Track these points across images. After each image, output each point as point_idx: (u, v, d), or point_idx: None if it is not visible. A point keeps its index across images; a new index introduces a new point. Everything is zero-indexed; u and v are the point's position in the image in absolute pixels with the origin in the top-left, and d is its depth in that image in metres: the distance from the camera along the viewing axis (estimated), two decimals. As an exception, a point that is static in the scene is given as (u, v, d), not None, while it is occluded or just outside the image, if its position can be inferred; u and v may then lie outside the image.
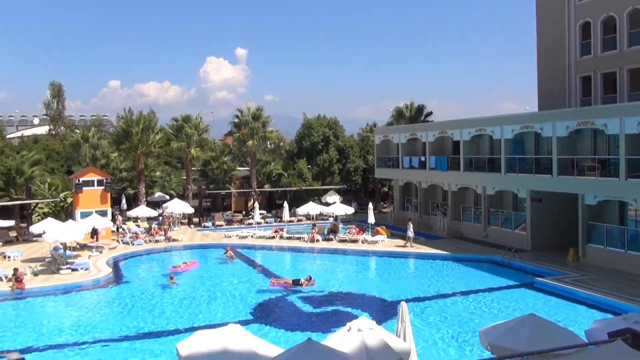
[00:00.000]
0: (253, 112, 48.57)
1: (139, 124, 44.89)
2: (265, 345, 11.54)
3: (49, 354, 17.48)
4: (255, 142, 47.54)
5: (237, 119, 49.11)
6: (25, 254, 32.27)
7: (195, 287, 26.00)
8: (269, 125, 49.44)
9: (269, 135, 49.49)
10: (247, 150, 49.61)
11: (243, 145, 49.55)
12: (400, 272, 28.66)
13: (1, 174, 39.22)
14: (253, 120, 47.94)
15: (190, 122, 47.25)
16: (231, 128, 50.81)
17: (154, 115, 51.04)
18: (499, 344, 11.39)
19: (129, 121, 45.98)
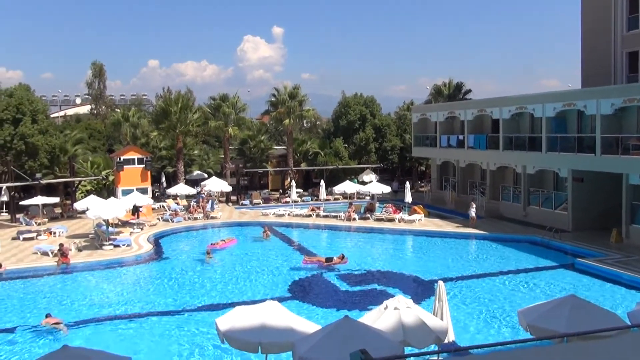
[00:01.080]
0: (290, 91, 48.55)
1: (178, 103, 45.41)
2: (303, 321, 11.69)
3: (92, 327, 18.05)
4: (291, 120, 47.59)
5: (273, 98, 49.18)
6: (70, 230, 33.23)
7: (234, 264, 26.40)
8: (306, 103, 49.37)
9: (305, 113, 49.45)
10: (284, 128, 49.73)
11: (280, 124, 49.70)
12: (438, 252, 28.49)
13: (46, 152, 40.28)
14: (290, 99, 47.95)
15: (228, 101, 47.57)
16: (268, 107, 50.94)
17: (191, 95, 51.38)
18: (539, 324, 11.27)
19: (168, 100, 46.55)
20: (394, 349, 9.67)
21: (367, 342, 9.01)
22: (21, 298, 21.17)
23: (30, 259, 26.43)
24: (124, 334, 17.44)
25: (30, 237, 30.90)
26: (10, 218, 37.25)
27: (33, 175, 38.49)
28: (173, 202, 41.91)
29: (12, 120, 38.51)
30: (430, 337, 11.18)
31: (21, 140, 38.40)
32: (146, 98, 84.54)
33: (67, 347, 9.07)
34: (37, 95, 43.42)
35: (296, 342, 10.34)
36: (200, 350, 15.80)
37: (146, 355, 15.35)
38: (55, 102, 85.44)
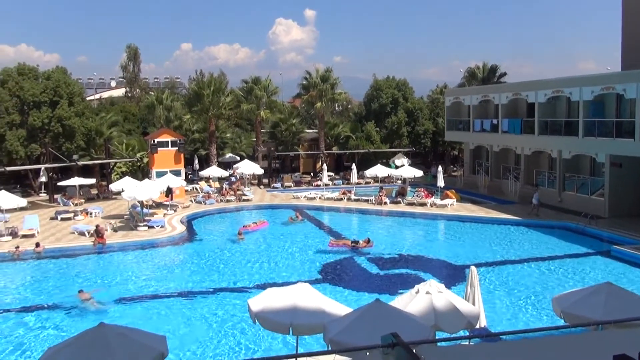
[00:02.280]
0: (322, 74, 48.34)
1: (210, 86, 45.69)
2: (334, 304, 11.73)
3: (127, 306, 18.47)
4: (323, 104, 47.46)
5: (305, 81, 49.05)
6: (106, 211, 33.91)
7: (265, 246, 26.63)
8: (338, 87, 49.11)
9: (337, 97, 49.22)
10: (316, 112, 49.65)
11: (311, 107, 49.61)
12: (470, 237, 28.24)
13: (82, 134, 41.06)
14: (321, 82, 47.76)
15: (260, 84, 47.65)
16: (300, 90, 50.84)
17: (224, 78, 51.60)
18: (573, 312, 11.10)
19: (201, 83, 46.85)
20: (425, 333, 9.64)
21: (398, 326, 9.00)
22: (59, 276, 21.73)
23: (68, 239, 27.09)
24: (157, 313, 17.80)
25: (67, 218, 31.66)
26: (49, 198, 38.19)
27: (70, 156, 39.33)
28: (205, 184, 42.38)
29: (49, 102, 39.33)
30: (461, 322, 11.12)
31: (58, 123, 39.22)
32: (179, 81, 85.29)
33: (104, 324, 9.29)
34: (73, 78, 44.09)
35: (327, 324, 10.39)
36: (232, 330, 16.04)
37: (179, 335, 15.64)
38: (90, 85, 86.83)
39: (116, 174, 43.39)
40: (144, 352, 8.81)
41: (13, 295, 19.72)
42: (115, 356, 8.48)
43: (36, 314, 17.75)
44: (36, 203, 36.79)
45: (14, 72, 40.10)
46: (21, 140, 38.75)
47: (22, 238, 26.84)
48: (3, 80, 39.69)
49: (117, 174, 43.16)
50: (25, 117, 39.17)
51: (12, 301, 19.03)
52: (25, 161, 39.88)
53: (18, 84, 39.03)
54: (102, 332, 8.97)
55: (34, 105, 39.05)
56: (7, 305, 18.57)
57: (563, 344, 5.30)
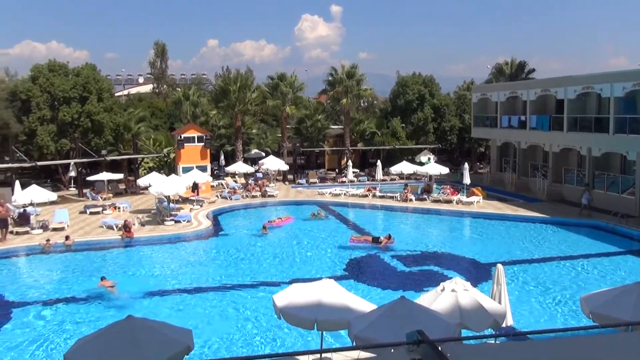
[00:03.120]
0: (347, 70, 48.24)
1: (236, 82, 45.95)
2: (359, 300, 11.74)
3: (153, 299, 18.70)
4: (349, 100, 47.37)
5: (331, 77, 49.00)
6: (133, 205, 34.37)
7: (290, 241, 26.71)
8: (363, 83, 48.97)
9: (363, 93, 49.09)
10: (341, 108, 49.58)
11: (337, 103, 49.55)
12: (496, 235, 27.96)
13: (111, 129, 41.65)
14: (347, 78, 47.66)
15: (286, 80, 47.75)
16: (325, 86, 50.79)
17: (250, 74, 51.80)
18: (602, 312, 10.93)
19: (227, 80, 47.12)
20: (450, 331, 9.59)
21: (423, 323, 8.97)
22: (87, 269, 22.07)
23: (96, 232, 27.53)
24: (183, 306, 17.99)
25: (96, 212, 32.17)
26: (78, 193, 38.84)
27: (99, 151, 39.93)
28: (231, 180, 42.66)
29: (79, 98, 39.95)
30: (487, 321, 11.03)
31: (88, 118, 39.84)
32: (206, 77, 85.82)
33: (132, 317, 9.43)
34: (102, 75, 44.71)
35: (352, 320, 10.40)
36: (257, 325, 16.14)
37: (204, 329, 15.79)
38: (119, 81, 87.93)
39: (143, 169, 43.92)
40: (170, 345, 8.93)
41: (43, 287, 20.11)
42: (142, 349, 8.60)
43: (65, 305, 18.09)
44: (66, 197, 37.45)
45: (44, 68, 40.84)
46: (51, 135, 39.47)
47: (52, 231, 27.38)
48: (34, 76, 40.45)
49: (144, 169, 43.67)
50: (56, 112, 39.85)
51: (42, 292, 19.41)
52: (55, 156, 40.61)
53: (49, 80, 39.75)
54: (130, 324, 9.12)
55: (64, 101, 39.72)
56: (37, 296, 18.95)
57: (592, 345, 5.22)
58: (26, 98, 39.51)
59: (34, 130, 39.11)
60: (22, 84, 40.79)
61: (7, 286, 19.98)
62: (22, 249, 24.86)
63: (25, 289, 19.94)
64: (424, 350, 4.90)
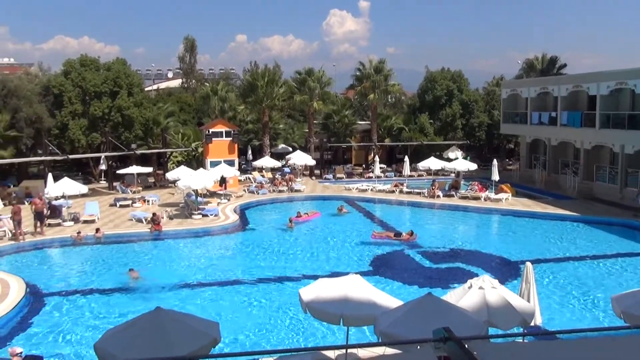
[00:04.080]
0: (375, 65, 48.04)
1: (264, 77, 46.12)
2: (385, 296, 11.69)
3: (180, 292, 18.92)
4: (376, 95, 47.17)
5: (358, 72, 48.86)
6: (162, 199, 34.78)
7: (316, 236, 26.77)
8: (391, 78, 48.71)
9: (390, 88, 48.85)
10: (369, 103, 49.42)
11: (364, 98, 49.41)
12: (525, 232, 27.59)
13: (140, 124, 42.20)
14: (375, 74, 47.47)
15: (313, 75, 47.75)
16: (353, 81, 50.68)
17: (278, 69, 51.96)
18: (635, 312, 10.71)
19: (255, 75, 47.34)
20: (477, 329, 9.50)
21: (450, 320, 8.90)
22: (116, 261, 22.42)
23: (126, 225, 27.95)
24: (210, 299, 18.17)
25: (126, 205, 32.65)
26: (108, 186, 39.47)
27: (129, 145, 40.50)
28: (258, 174, 42.86)
29: (110, 93, 40.58)
30: (515, 319, 10.90)
31: (118, 112, 40.46)
32: (234, 72, 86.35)
33: (160, 308, 9.55)
34: (132, 70, 45.31)
35: (378, 316, 10.37)
36: (283, 319, 16.21)
37: (230, 322, 15.90)
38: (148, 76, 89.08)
39: (172, 163, 44.42)
40: (198, 337, 9.03)
41: (74, 278, 20.50)
42: (171, 340, 8.72)
43: (94, 296, 18.41)
44: (96, 190, 38.08)
45: (76, 63, 41.55)
46: (83, 129, 40.18)
47: (83, 223, 27.89)
48: (67, 71, 41.20)
49: (173, 163, 44.17)
50: (87, 106, 40.55)
51: (73, 283, 19.79)
52: (86, 149, 41.32)
53: (80, 75, 40.45)
54: (159, 316, 9.24)
55: (95, 96, 40.38)
56: (68, 287, 19.33)
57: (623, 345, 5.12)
58: (59, 92, 40.28)
59: (66, 124, 39.88)
60: (55, 79, 41.60)
61: (40, 277, 20.40)
62: (54, 241, 25.37)
63: (57, 280, 20.37)
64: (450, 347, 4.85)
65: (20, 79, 41.48)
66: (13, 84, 39.40)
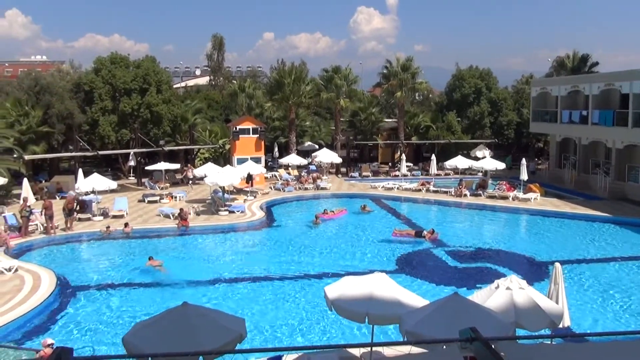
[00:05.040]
0: (402, 63, 47.79)
1: (291, 75, 46.23)
2: (411, 295, 11.62)
3: (208, 287, 19.07)
4: (403, 93, 46.94)
5: (386, 70, 48.67)
6: (189, 195, 35.13)
7: (341, 234, 26.75)
8: (419, 76, 48.45)
9: (418, 86, 48.57)
10: (396, 101, 49.19)
11: (391, 96, 49.19)
12: (554, 233, 27.17)
13: (169, 120, 42.67)
14: (402, 71, 47.23)
15: (340, 73, 47.71)
16: (380, 79, 50.50)
17: (304, 67, 52.04)
18: None
19: (282, 72, 47.48)
20: (504, 330, 9.39)
21: (476, 321, 8.81)
22: (144, 256, 22.65)
23: (154, 221, 28.30)
24: (235, 295, 18.29)
25: (154, 200, 33.06)
26: (137, 182, 39.99)
27: (157, 142, 40.97)
28: (285, 171, 43.00)
29: (139, 90, 41.11)
30: (544, 321, 10.73)
31: (147, 109, 40.96)
32: (261, 70, 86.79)
33: (187, 304, 9.64)
34: (161, 67, 45.81)
35: (403, 315, 10.31)
36: (308, 316, 16.24)
37: (255, 318, 15.98)
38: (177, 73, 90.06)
39: (199, 159, 44.81)
40: (224, 332, 9.09)
41: (103, 272, 20.80)
42: (197, 335, 8.80)
43: (122, 290, 18.70)
44: (125, 186, 38.63)
45: (107, 61, 42.19)
46: (112, 125, 40.79)
47: (112, 218, 28.31)
48: (97, 68, 41.87)
49: (200, 160, 44.56)
50: (117, 103, 41.14)
51: (102, 277, 20.07)
52: (115, 146, 41.95)
53: (111, 72, 41.06)
54: (186, 311, 9.33)
55: (124, 92, 40.95)
56: (97, 281, 19.65)
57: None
58: (89, 89, 40.97)
59: (96, 121, 40.53)
60: (86, 76, 42.33)
61: (71, 270, 20.77)
62: (84, 235, 25.81)
63: (87, 273, 20.72)
64: (477, 348, 4.81)
65: (52, 76, 42.31)
66: (46, 81, 40.24)
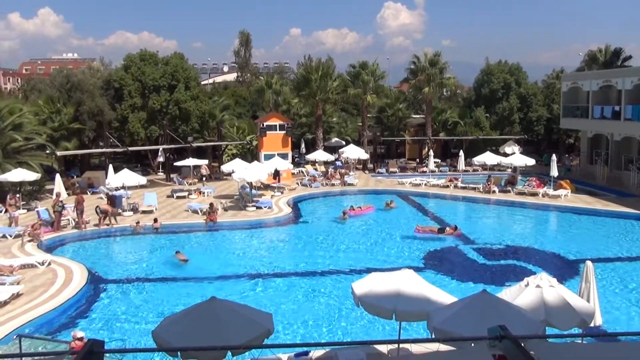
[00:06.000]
0: (430, 58, 47.40)
1: (318, 71, 46.22)
2: (438, 292, 11.55)
3: (235, 282, 19.22)
4: (431, 89, 46.57)
5: (413, 65, 48.33)
6: (217, 191, 35.42)
7: (368, 230, 26.70)
8: (446, 71, 47.98)
9: (445, 82, 48.11)
10: (423, 97, 48.84)
11: (419, 92, 48.85)
12: (585, 230, 26.71)
13: (197, 117, 43.06)
14: (430, 67, 46.85)
15: (367, 68, 47.54)
16: (407, 74, 50.16)
17: (331, 62, 51.96)
18: None
19: (309, 68, 47.51)
20: (534, 328, 9.27)
21: (505, 319, 8.71)
22: (173, 251, 22.90)
23: (182, 216, 28.61)
24: (262, 290, 18.40)
25: (182, 196, 33.42)
26: (166, 177, 40.48)
27: (185, 138, 41.40)
28: (311, 167, 43.07)
29: (168, 86, 41.58)
30: (574, 319, 10.56)
31: (176, 106, 41.40)
32: (288, 66, 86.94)
33: (215, 298, 9.73)
34: (189, 64, 46.23)
35: (431, 312, 10.25)
36: (334, 311, 16.25)
37: (283, 313, 16.06)
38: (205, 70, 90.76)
39: (227, 155, 45.16)
40: (252, 327, 9.16)
41: (133, 266, 21.13)
42: (225, 330, 8.88)
43: (152, 284, 18.97)
44: (154, 181, 39.12)
45: (136, 58, 42.74)
46: (142, 122, 41.33)
47: (141, 214, 28.71)
48: (127, 65, 42.44)
49: (228, 156, 44.90)
50: (146, 100, 41.66)
51: (132, 271, 20.40)
52: (145, 142, 42.50)
53: (140, 69, 41.59)
54: (214, 305, 9.42)
55: (153, 89, 41.44)
56: (127, 274, 19.95)
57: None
58: (119, 86, 41.57)
59: (126, 117, 41.12)
60: (116, 73, 42.94)
61: (101, 264, 21.15)
62: (115, 230, 26.22)
63: (117, 267, 21.07)
64: (506, 346, 4.77)
65: (83, 73, 43.05)
66: (77, 79, 40.95)
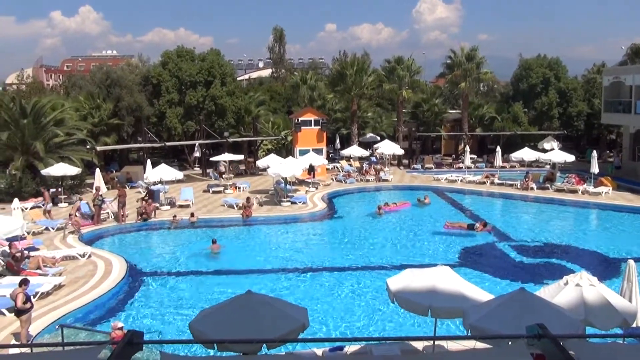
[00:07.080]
0: (467, 53, 46.79)
1: (353, 66, 46.13)
2: (474, 289, 11.43)
3: (270, 276, 19.36)
4: (468, 84, 45.99)
5: (449, 60, 47.80)
6: (252, 186, 35.69)
7: (403, 226, 26.57)
8: (483, 66, 47.30)
9: (482, 76, 47.45)
10: (459, 92, 48.29)
11: (455, 87, 48.32)
12: (627, 228, 26.02)
13: (232, 112, 43.44)
14: (466, 61, 46.25)
15: (402, 63, 47.22)
16: (443, 69, 49.68)
17: (367, 58, 51.76)
18: None
19: (344, 64, 47.42)
20: (574, 327, 9.09)
21: (544, 317, 8.58)
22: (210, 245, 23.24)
23: (218, 211, 28.94)
24: (297, 285, 18.50)
25: (218, 191, 33.80)
26: (202, 172, 40.98)
27: (221, 133, 41.82)
28: (346, 163, 43.03)
29: (204, 82, 42.03)
30: (615, 319, 10.33)
31: (212, 101, 41.84)
32: (323, 61, 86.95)
33: (251, 292, 9.84)
34: (225, 60, 46.63)
35: (467, 309, 10.15)
36: (370, 307, 16.24)
37: (318, 308, 16.12)
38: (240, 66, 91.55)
39: (262, 150, 45.45)
40: (287, 321, 9.23)
41: (171, 259, 21.46)
42: (261, 323, 8.97)
43: (189, 277, 19.28)
44: (191, 176, 39.65)
45: (173, 54, 43.33)
46: (179, 117, 41.90)
47: (178, 208, 29.14)
48: (164, 62, 43.07)
49: (263, 151, 45.19)
50: (183, 96, 42.20)
51: (169, 264, 20.74)
52: (181, 137, 43.09)
53: (177, 65, 42.15)
54: (250, 299, 9.53)
55: (190, 85, 41.96)
56: (165, 267, 20.31)
57: None
58: (157, 82, 42.22)
59: (163, 113, 41.76)
60: (154, 69, 43.62)
61: (140, 257, 21.58)
62: (153, 224, 26.68)
63: (155, 260, 21.46)
64: (544, 345, 4.69)
65: (122, 69, 43.88)
66: (116, 75, 41.79)
